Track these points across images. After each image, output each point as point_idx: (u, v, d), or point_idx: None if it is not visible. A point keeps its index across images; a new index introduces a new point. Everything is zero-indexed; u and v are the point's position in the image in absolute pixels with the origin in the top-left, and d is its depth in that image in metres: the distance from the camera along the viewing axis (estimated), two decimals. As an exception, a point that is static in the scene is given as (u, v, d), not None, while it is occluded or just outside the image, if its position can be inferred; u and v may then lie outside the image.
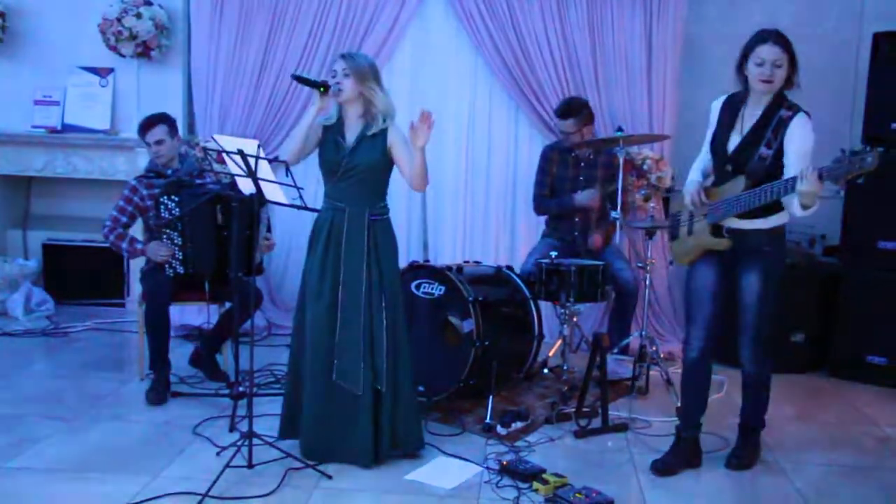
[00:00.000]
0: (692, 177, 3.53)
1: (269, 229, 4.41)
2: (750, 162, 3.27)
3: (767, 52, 3.20)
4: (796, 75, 3.25)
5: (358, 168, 3.37)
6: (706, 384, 3.57)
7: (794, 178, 3.06)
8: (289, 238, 5.50)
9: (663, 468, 3.47)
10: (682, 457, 3.53)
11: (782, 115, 3.23)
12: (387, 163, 3.44)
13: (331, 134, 3.44)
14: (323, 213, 3.46)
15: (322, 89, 3.33)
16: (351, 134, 3.42)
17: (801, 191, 3.01)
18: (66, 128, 5.67)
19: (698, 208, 3.43)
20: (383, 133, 3.39)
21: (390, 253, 3.46)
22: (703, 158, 3.54)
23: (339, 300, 3.37)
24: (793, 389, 4.53)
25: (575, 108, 4.79)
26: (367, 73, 3.37)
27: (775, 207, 3.27)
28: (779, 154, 3.23)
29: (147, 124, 4.28)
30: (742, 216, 3.29)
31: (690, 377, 3.57)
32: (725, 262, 3.43)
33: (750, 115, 3.32)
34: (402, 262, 4.38)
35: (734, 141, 3.34)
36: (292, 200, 3.29)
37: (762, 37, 3.24)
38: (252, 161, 3.17)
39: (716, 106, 3.47)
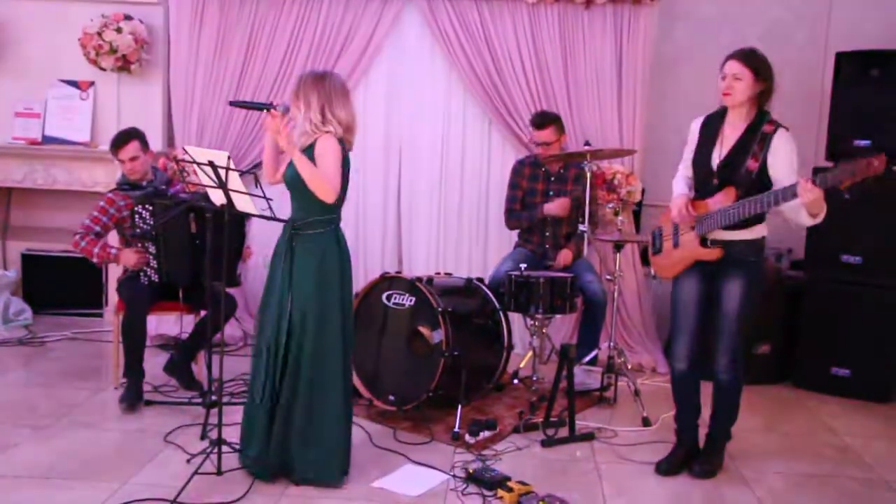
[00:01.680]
0: (678, 191, 3.60)
1: (244, 236, 4.46)
2: (737, 174, 3.38)
3: (728, 66, 3.38)
4: (768, 86, 3.37)
5: (289, 181, 3.38)
6: (697, 390, 3.69)
7: (792, 186, 3.16)
8: (266, 250, 5.52)
9: (667, 468, 3.61)
10: (682, 458, 3.66)
11: (764, 129, 3.35)
12: None
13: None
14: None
15: (266, 109, 3.30)
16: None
17: (804, 202, 3.14)
18: (47, 140, 5.71)
19: (686, 221, 3.51)
20: (311, 146, 3.34)
21: (305, 266, 3.34)
22: (684, 174, 3.64)
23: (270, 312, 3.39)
24: (758, 400, 4.62)
25: (551, 118, 4.92)
26: (301, 92, 3.33)
27: (758, 218, 3.38)
28: (764, 167, 3.34)
29: (119, 142, 4.31)
30: (727, 227, 3.39)
31: (681, 388, 3.68)
32: (708, 274, 3.52)
33: (731, 131, 3.44)
34: (377, 273, 4.47)
35: (717, 155, 3.44)
36: (261, 211, 3.35)
37: (729, 55, 3.40)
38: (222, 172, 3.23)
39: (695, 125, 3.59)
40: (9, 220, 6.16)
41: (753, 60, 3.35)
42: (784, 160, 3.34)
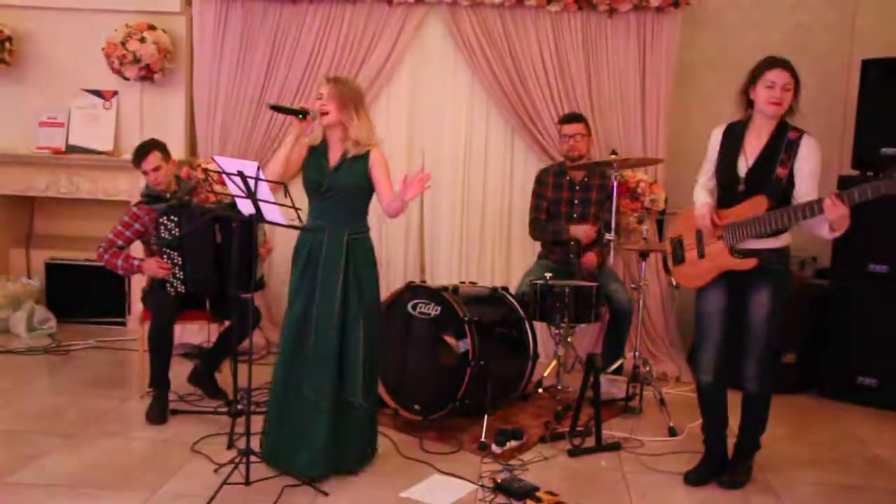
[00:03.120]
0: (702, 200, 3.55)
1: (265, 233, 4.47)
2: (766, 182, 3.35)
3: (778, 75, 3.30)
4: (797, 103, 3.36)
5: (339, 189, 3.45)
6: (724, 401, 3.65)
7: (819, 200, 3.15)
8: (288, 258, 5.53)
9: (695, 479, 3.59)
10: (710, 468, 3.64)
11: (790, 136, 3.34)
12: (368, 185, 3.50)
13: (315, 154, 3.53)
14: (303, 231, 3.53)
15: (301, 115, 3.42)
16: (334, 155, 3.50)
17: (830, 219, 3.14)
18: (70, 149, 5.75)
19: (713, 231, 3.48)
20: (365, 156, 3.45)
21: (368, 273, 3.51)
22: (705, 183, 3.59)
23: (313, 315, 3.43)
24: (784, 410, 4.58)
25: (580, 115, 4.94)
26: (349, 101, 3.43)
27: (784, 227, 3.35)
28: (791, 174, 3.33)
29: (141, 153, 4.33)
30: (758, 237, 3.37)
31: (708, 399, 3.64)
32: (734, 283, 3.48)
33: (755, 139, 3.41)
34: (399, 283, 4.47)
35: (743, 163, 3.41)
36: (290, 221, 3.36)
37: (772, 62, 3.34)
38: (251, 182, 3.24)
39: (717, 133, 3.54)
40: (33, 229, 6.22)
41: (796, 71, 3.33)
42: (811, 167, 3.33)
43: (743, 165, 3.41)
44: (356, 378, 3.43)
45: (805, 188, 3.31)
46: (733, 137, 3.47)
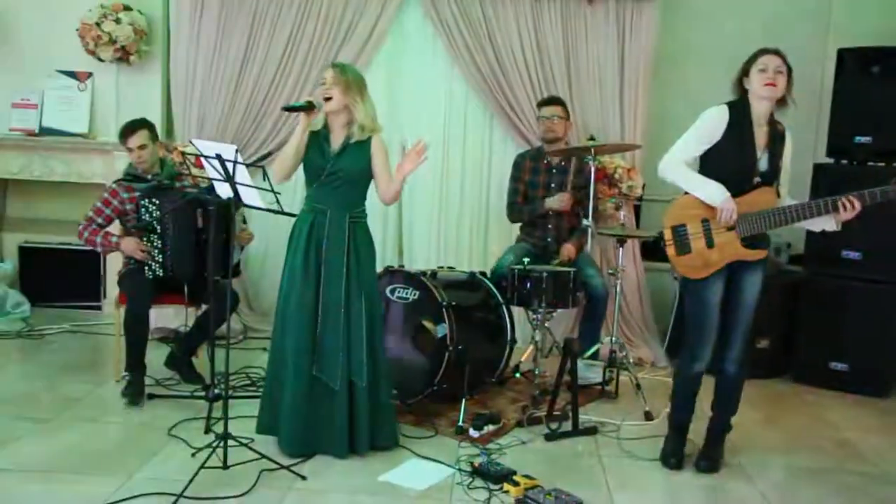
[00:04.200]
0: (699, 180, 3.39)
1: (244, 220, 4.45)
2: (775, 175, 3.41)
3: (770, 59, 3.34)
4: (790, 92, 3.37)
5: (341, 173, 3.49)
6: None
7: (834, 199, 3.24)
8: (265, 243, 5.54)
9: (677, 463, 3.64)
10: (682, 443, 3.70)
11: (779, 128, 3.40)
12: (369, 170, 3.57)
13: (316, 139, 3.55)
14: (304, 214, 3.57)
15: (309, 108, 3.47)
16: (336, 140, 3.54)
17: (841, 218, 3.26)
18: (44, 131, 5.67)
19: (731, 221, 3.39)
20: (368, 142, 3.52)
21: (368, 254, 3.59)
22: (684, 160, 3.44)
23: (319, 298, 3.48)
24: (758, 395, 4.65)
25: (559, 98, 4.96)
26: (353, 86, 3.48)
27: None
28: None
29: (129, 129, 4.31)
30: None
31: (693, 387, 3.64)
32: (725, 276, 3.49)
33: (759, 129, 3.39)
34: (378, 267, 4.46)
35: (761, 155, 3.39)
36: (269, 205, 3.34)
37: (763, 50, 3.38)
38: (230, 165, 3.22)
39: (718, 116, 3.39)
40: (5, 212, 6.13)
41: (787, 59, 3.36)
42: (789, 159, 3.44)
43: (762, 157, 3.38)
44: (360, 358, 3.49)
45: (784, 180, 3.40)
46: (739, 125, 3.37)
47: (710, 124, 3.39)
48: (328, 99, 3.47)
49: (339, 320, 3.48)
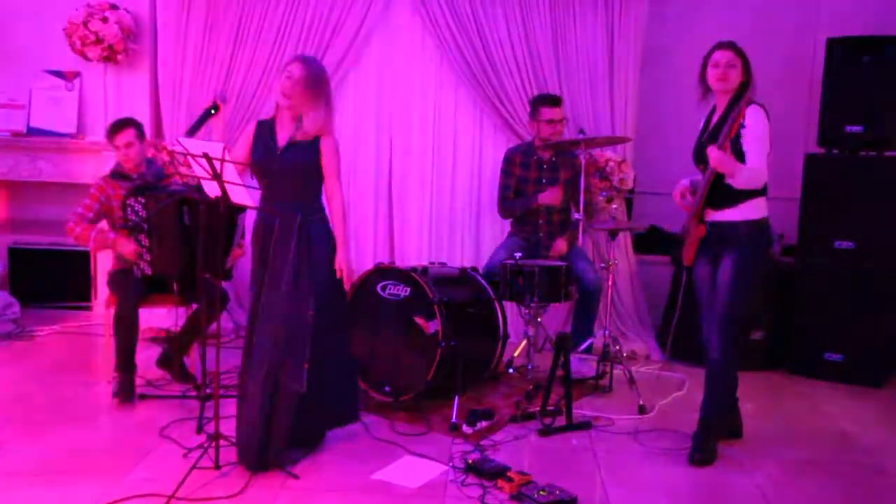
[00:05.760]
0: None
1: (242, 236, 4.42)
2: (715, 138, 3.49)
3: (721, 55, 3.53)
4: (749, 77, 3.52)
5: (289, 169, 3.38)
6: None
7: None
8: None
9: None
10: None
11: (740, 106, 3.43)
12: (319, 167, 3.41)
13: (262, 132, 3.45)
14: (259, 213, 3.46)
15: (214, 111, 3.44)
16: (283, 134, 3.42)
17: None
18: (32, 131, 5.64)
19: (680, 203, 3.67)
20: (315, 142, 3.38)
21: (323, 249, 3.41)
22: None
23: (262, 297, 3.37)
24: (753, 386, 4.61)
25: (559, 98, 4.94)
26: (313, 84, 3.33)
27: (744, 197, 3.46)
28: (737, 141, 3.45)
29: (116, 128, 4.29)
30: (717, 208, 3.52)
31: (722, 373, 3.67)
32: (713, 258, 3.60)
33: (715, 119, 3.59)
34: (368, 264, 4.45)
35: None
36: (257, 203, 3.31)
37: (716, 45, 3.57)
38: (217, 164, 3.19)
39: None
40: (-6, 213, 6.10)
41: (743, 52, 3.52)
42: (755, 133, 3.51)
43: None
44: (300, 363, 3.32)
45: (750, 153, 3.44)
46: (707, 119, 3.66)
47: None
48: (287, 97, 3.33)
49: (279, 320, 3.30)
